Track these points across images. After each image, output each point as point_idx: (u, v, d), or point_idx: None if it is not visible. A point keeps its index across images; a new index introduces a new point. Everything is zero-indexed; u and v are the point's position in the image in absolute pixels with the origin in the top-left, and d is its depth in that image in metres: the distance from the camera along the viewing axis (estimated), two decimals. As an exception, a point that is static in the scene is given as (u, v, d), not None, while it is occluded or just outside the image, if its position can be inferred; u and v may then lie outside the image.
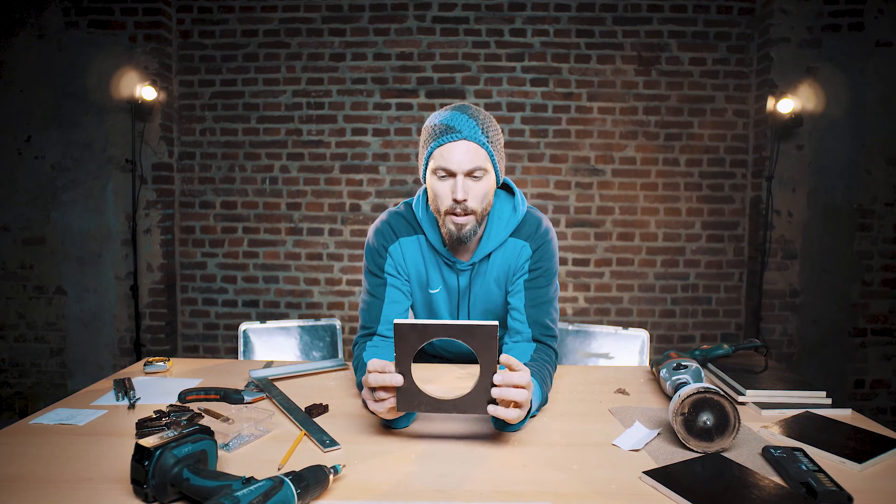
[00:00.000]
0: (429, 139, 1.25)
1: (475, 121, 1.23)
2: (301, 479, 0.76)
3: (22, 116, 3.23)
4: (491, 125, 1.26)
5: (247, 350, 1.94)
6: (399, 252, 1.37)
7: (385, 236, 1.38)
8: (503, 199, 1.38)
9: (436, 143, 1.22)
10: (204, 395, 1.19)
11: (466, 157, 1.21)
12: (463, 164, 1.21)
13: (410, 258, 1.38)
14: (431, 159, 1.25)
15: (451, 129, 1.22)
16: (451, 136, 1.21)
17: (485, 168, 1.23)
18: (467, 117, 1.23)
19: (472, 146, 1.22)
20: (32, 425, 1.06)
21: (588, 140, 3.36)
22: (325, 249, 3.44)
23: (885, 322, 3.23)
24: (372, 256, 1.39)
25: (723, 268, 3.39)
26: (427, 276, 1.38)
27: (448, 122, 1.22)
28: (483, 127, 1.23)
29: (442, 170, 1.22)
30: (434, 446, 0.99)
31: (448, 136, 1.21)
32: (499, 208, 1.35)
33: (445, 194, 1.24)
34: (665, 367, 1.23)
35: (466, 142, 1.21)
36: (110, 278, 3.31)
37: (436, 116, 1.26)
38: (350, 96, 3.38)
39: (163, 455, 0.77)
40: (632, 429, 1.05)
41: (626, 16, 3.31)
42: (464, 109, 1.25)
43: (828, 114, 3.13)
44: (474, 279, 1.37)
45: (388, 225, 1.39)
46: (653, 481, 0.84)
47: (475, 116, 1.24)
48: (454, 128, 1.21)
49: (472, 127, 1.22)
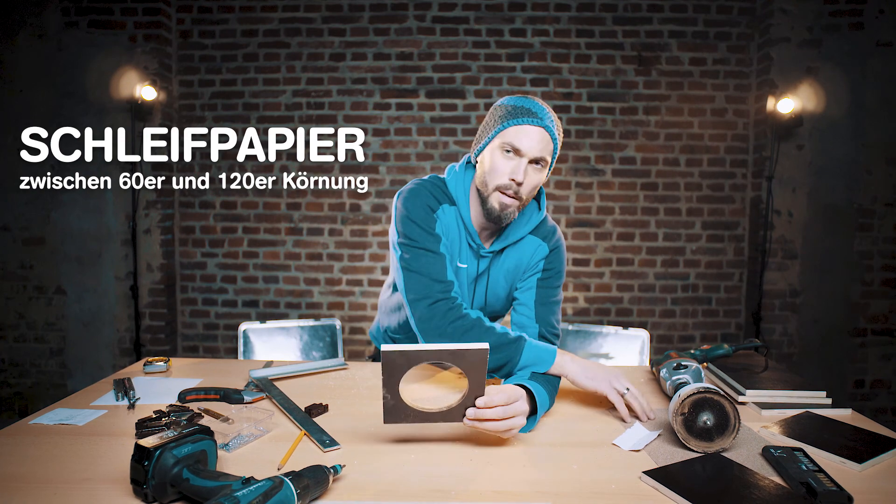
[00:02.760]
0: (506, 115, 1.25)
1: (551, 115, 1.26)
2: (301, 480, 0.76)
3: (22, 116, 3.22)
4: (559, 125, 1.29)
5: (247, 350, 1.94)
6: (444, 218, 1.33)
7: (431, 199, 1.31)
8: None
9: (514, 121, 1.23)
10: (204, 395, 1.19)
11: (539, 144, 1.22)
12: (533, 149, 1.22)
13: (448, 228, 1.33)
14: (501, 135, 1.24)
15: (531, 113, 1.23)
16: (532, 119, 1.22)
17: (547, 161, 1.25)
18: (545, 109, 1.26)
19: (546, 136, 1.23)
20: (32, 425, 1.06)
21: (588, 140, 3.36)
22: (325, 249, 3.44)
23: (885, 322, 3.23)
24: (422, 216, 1.29)
25: (723, 268, 3.39)
26: (460, 249, 1.36)
27: (528, 105, 1.24)
28: (555, 124, 1.26)
29: (512, 148, 1.22)
30: (434, 447, 0.99)
31: (528, 118, 1.22)
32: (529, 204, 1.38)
33: (504, 171, 1.23)
34: (665, 367, 1.23)
35: (543, 129, 1.23)
36: (110, 278, 3.30)
37: (512, 99, 1.27)
38: (350, 96, 3.38)
39: (162, 455, 0.77)
40: (632, 428, 1.05)
41: (626, 16, 3.31)
42: (540, 100, 1.28)
43: (828, 114, 3.13)
44: (493, 266, 1.38)
45: (427, 191, 1.32)
46: (653, 481, 0.84)
47: (550, 111, 1.27)
48: (535, 113, 1.23)
49: (550, 118, 1.25)
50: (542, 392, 1.10)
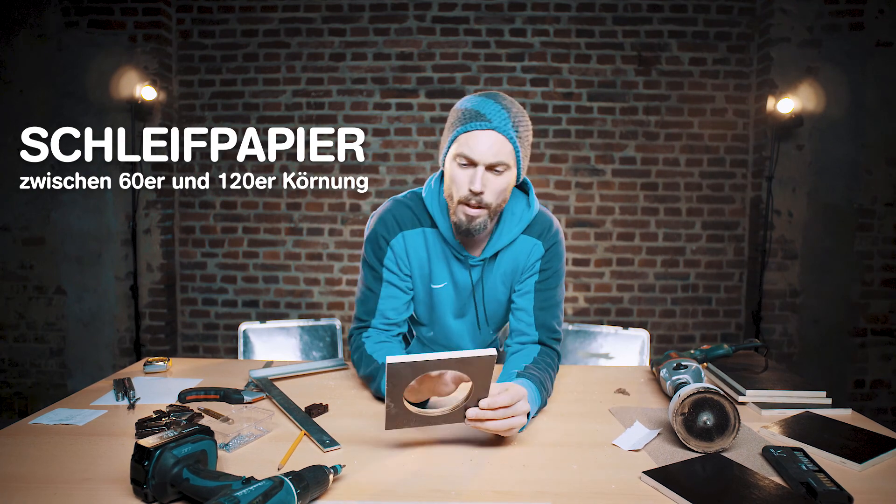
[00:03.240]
0: (456, 122, 1.18)
1: (507, 112, 1.16)
2: (301, 480, 0.76)
3: (22, 116, 3.22)
4: (522, 119, 1.19)
5: (247, 350, 1.94)
6: (402, 246, 1.32)
7: (388, 228, 1.32)
8: (517, 196, 1.33)
9: (462, 129, 1.16)
10: (204, 395, 1.19)
11: (492, 149, 1.15)
12: (486, 155, 1.15)
13: (414, 252, 1.32)
14: (455, 144, 1.18)
15: (480, 117, 1.15)
16: (480, 123, 1.14)
17: (508, 164, 1.17)
18: (500, 107, 1.16)
19: (500, 138, 1.15)
20: (32, 425, 1.06)
21: (588, 140, 3.36)
22: (325, 249, 3.44)
23: (885, 322, 3.23)
24: (372, 248, 1.34)
25: (723, 268, 3.39)
26: (430, 271, 1.33)
27: (479, 108, 1.16)
28: (514, 120, 1.16)
29: (463, 157, 1.16)
30: (434, 447, 0.99)
31: (477, 122, 1.15)
32: (513, 204, 1.31)
33: (462, 183, 1.18)
34: (665, 367, 1.23)
35: (495, 133, 1.15)
36: (110, 278, 3.30)
37: (466, 100, 1.20)
38: (350, 96, 3.38)
39: (162, 455, 0.77)
40: (632, 428, 1.05)
41: (626, 16, 3.31)
42: (497, 98, 1.18)
43: (828, 114, 3.13)
44: (486, 274, 1.33)
45: (392, 216, 1.32)
46: (653, 481, 0.84)
47: (507, 107, 1.17)
48: (484, 116, 1.15)
49: (503, 118, 1.15)
50: (535, 392, 1.10)
